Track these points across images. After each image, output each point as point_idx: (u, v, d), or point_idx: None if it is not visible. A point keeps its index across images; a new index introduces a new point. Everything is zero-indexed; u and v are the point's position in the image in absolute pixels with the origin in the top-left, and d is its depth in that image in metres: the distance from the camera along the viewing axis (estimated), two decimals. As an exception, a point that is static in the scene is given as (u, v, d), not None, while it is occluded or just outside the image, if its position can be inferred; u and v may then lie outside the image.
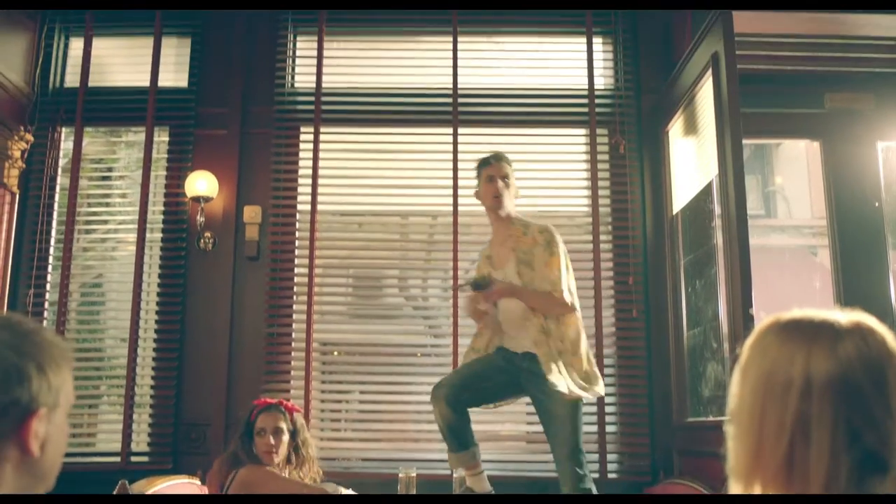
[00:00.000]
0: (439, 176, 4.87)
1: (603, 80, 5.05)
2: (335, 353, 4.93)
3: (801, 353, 1.10)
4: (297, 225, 4.89)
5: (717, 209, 3.86)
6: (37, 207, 4.85)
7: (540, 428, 3.68)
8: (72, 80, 5.08)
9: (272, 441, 3.56)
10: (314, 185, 4.85)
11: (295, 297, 4.79)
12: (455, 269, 4.73)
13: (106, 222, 5.08)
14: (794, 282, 9.24)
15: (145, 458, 4.56)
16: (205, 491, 3.96)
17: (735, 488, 1.13)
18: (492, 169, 3.74)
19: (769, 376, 1.11)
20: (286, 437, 3.60)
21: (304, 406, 4.58)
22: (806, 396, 1.07)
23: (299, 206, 4.90)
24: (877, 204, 4.77)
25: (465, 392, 3.61)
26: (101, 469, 4.37)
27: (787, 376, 1.09)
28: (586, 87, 4.94)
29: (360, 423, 4.81)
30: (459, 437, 3.60)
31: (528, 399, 4.54)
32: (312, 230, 4.80)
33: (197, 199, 4.74)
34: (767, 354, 1.13)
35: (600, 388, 3.49)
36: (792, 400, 1.08)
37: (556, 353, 3.43)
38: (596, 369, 3.54)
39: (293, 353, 4.70)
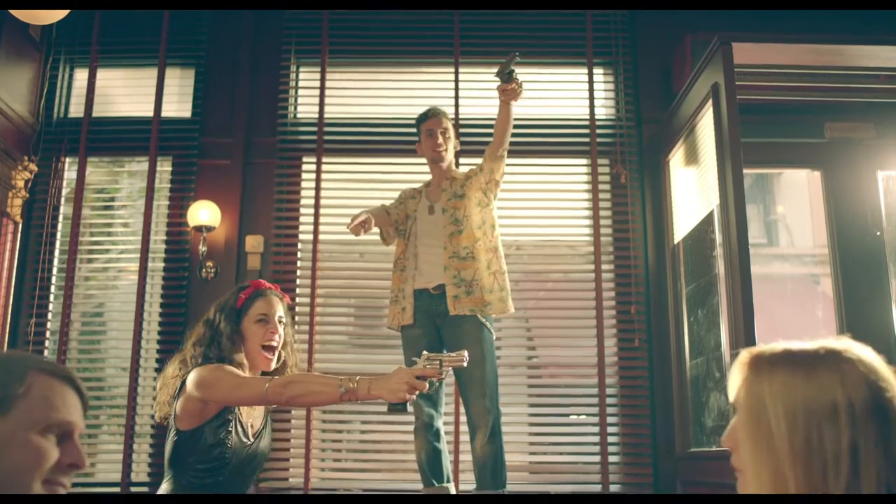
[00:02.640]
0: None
1: (604, 111, 5.09)
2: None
3: (833, 381, 1.12)
4: (299, 254, 4.90)
5: (719, 238, 3.86)
6: (39, 237, 4.87)
7: (543, 458, 3.65)
8: (76, 110, 5.11)
9: (278, 329, 2.71)
10: (316, 215, 4.86)
11: (296, 327, 4.78)
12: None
13: (108, 251, 5.08)
14: (796, 310, 9.21)
15: (146, 489, 4.53)
16: None
17: None
18: (430, 123, 3.88)
19: (809, 406, 1.11)
20: (282, 331, 2.76)
21: (306, 436, 4.57)
22: (853, 422, 1.09)
23: (301, 236, 4.92)
24: (878, 233, 4.78)
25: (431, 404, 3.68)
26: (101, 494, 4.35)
27: (831, 404, 1.10)
28: (587, 117, 4.97)
29: (361, 454, 4.78)
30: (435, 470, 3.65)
31: (530, 429, 4.55)
32: (314, 260, 4.81)
33: (199, 229, 4.75)
34: (796, 386, 1.13)
35: None
36: (843, 425, 1.09)
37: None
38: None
39: (294, 383, 4.68)
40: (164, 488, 2.54)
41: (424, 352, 2.44)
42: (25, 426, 1.25)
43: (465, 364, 2.39)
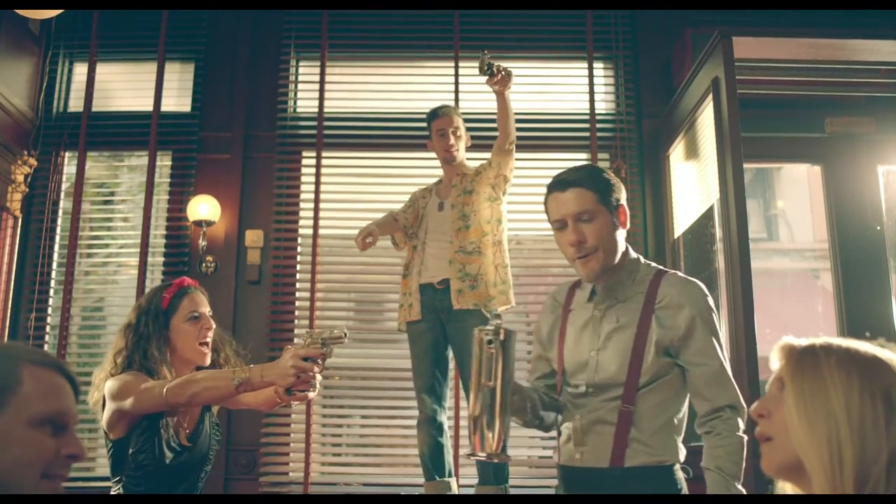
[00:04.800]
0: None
1: (604, 105, 5.08)
2: (336, 377, 4.91)
3: (890, 372, 1.19)
4: (299, 249, 4.90)
5: (719, 233, 3.86)
6: (39, 231, 4.86)
7: (543, 452, 3.66)
8: (75, 104, 5.10)
9: (212, 324, 2.65)
10: (316, 210, 4.86)
11: (296, 321, 4.78)
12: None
13: (108, 246, 5.08)
14: (796, 305, 9.20)
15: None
16: None
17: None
18: (441, 123, 3.88)
19: (865, 387, 1.17)
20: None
21: (306, 430, 4.57)
22: None
23: (301, 231, 4.92)
24: (878, 227, 4.77)
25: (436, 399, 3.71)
26: (100, 494, 4.34)
27: (885, 388, 1.17)
28: (587, 111, 4.96)
29: (361, 448, 4.79)
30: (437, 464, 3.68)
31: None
32: (314, 254, 4.80)
33: (199, 224, 4.75)
34: (852, 370, 1.19)
35: None
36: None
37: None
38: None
39: (294, 378, 4.68)
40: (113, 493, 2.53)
41: (307, 330, 2.40)
42: (22, 421, 1.24)
43: (345, 340, 2.33)
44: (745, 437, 2.12)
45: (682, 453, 2.17)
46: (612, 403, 2.10)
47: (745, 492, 2.10)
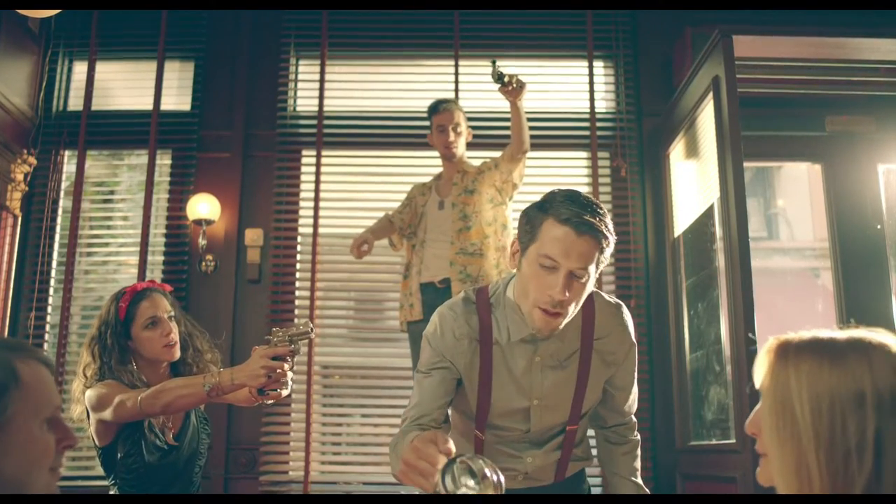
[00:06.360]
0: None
1: (604, 104, 5.08)
2: (336, 376, 4.91)
3: (862, 369, 1.11)
4: (299, 248, 4.90)
5: (719, 232, 3.86)
6: (39, 230, 4.86)
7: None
8: (75, 103, 5.10)
9: (171, 327, 2.61)
10: (316, 208, 4.85)
11: (296, 320, 4.78)
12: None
13: (107, 245, 5.08)
14: (796, 304, 9.20)
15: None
16: None
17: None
18: (442, 118, 3.86)
19: (835, 393, 1.11)
20: (176, 326, 2.65)
21: (306, 429, 4.57)
22: (879, 410, 1.09)
23: (301, 229, 4.91)
24: (878, 226, 4.77)
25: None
26: (99, 493, 4.34)
27: (857, 392, 1.10)
28: (587, 110, 4.95)
29: (361, 447, 4.79)
30: None
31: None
32: (314, 253, 4.80)
33: (199, 222, 4.74)
34: (822, 374, 1.12)
35: None
36: (869, 413, 1.09)
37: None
38: None
39: (294, 377, 4.68)
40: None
41: (274, 328, 2.36)
42: (28, 422, 1.24)
43: (311, 335, 2.33)
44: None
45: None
46: (556, 440, 2.11)
47: (647, 490, 2.20)
